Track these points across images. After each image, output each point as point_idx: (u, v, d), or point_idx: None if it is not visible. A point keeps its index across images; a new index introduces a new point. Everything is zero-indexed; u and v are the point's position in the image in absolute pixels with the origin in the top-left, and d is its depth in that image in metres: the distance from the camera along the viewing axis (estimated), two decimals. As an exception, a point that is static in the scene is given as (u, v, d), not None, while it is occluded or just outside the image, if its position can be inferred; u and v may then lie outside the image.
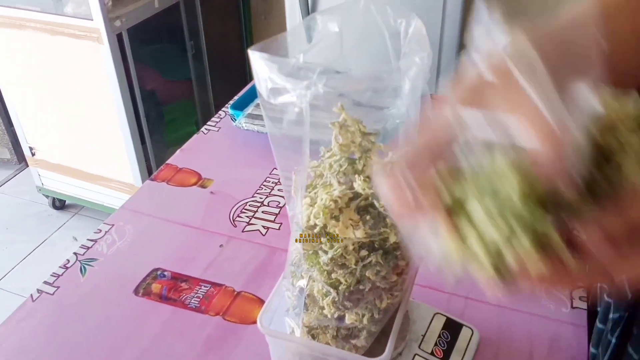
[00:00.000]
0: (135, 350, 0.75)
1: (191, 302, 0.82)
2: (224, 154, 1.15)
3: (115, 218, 0.97)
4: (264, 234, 0.94)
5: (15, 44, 1.98)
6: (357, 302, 0.59)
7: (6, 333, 0.77)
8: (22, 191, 2.52)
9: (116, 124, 1.99)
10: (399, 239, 0.55)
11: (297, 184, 0.56)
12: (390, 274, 0.58)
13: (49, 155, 2.22)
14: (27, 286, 2.01)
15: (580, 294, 0.83)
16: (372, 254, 0.55)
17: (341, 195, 0.53)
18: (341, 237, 0.54)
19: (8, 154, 2.61)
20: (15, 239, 2.27)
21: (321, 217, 0.54)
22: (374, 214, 0.54)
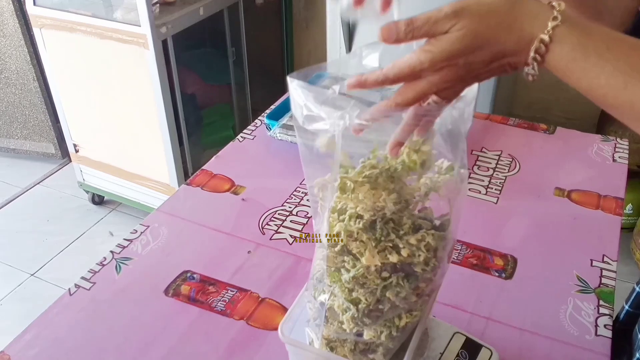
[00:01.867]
0: (162, 349, 0.78)
1: (217, 305, 0.85)
2: (257, 162, 1.18)
3: (151, 220, 1.01)
4: (290, 243, 0.97)
5: (66, 45, 2.06)
6: (376, 319, 0.60)
7: (44, 324, 0.81)
8: (64, 185, 2.60)
9: (156, 126, 2.04)
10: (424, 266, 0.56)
11: (324, 201, 0.58)
12: (411, 295, 0.59)
13: (91, 152, 2.29)
14: (64, 277, 2.08)
15: (605, 322, 0.83)
16: (393, 276, 0.57)
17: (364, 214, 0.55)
18: (367, 264, 0.56)
19: (53, 149, 2.70)
20: (54, 231, 2.34)
21: (343, 236, 0.56)
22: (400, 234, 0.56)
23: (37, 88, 2.49)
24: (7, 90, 2.55)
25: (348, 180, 0.55)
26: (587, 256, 0.95)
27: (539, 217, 1.04)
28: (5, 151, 2.75)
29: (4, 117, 2.64)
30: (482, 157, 1.21)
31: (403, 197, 0.56)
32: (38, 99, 2.53)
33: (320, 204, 0.57)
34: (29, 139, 2.69)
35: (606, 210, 1.05)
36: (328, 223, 0.57)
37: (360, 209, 0.55)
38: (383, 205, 0.55)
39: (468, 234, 0.99)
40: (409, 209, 0.57)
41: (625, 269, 2.08)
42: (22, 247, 2.28)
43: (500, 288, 0.89)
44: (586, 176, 1.15)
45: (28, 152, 2.72)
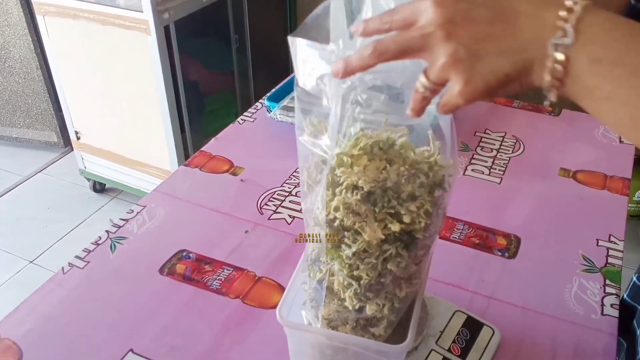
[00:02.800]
0: (156, 326, 0.76)
1: (213, 284, 0.83)
2: (256, 144, 1.16)
3: (148, 200, 0.99)
4: (289, 223, 0.95)
5: (68, 32, 2.04)
6: (378, 292, 0.58)
7: (36, 301, 0.80)
8: (66, 173, 2.59)
9: (158, 113, 2.03)
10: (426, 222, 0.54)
11: (311, 177, 0.56)
12: (411, 265, 0.57)
13: (93, 139, 2.28)
14: (63, 264, 2.06)
15: (612, 302, 0.81)
16: (392, 246, 0.55)
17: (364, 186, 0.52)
18: (368, 239, 0.54)
19: (55, 137, 2.69)
20: (55, 218, 2.33)
21: (341, 210, 0.54)
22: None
23: (40, 76, 2.48)
24: (11, 79, 2.54)
25: (344, 156, 0.53)
26: (593, 236, 0.93)
27: (543, 197, 1.02)
28: (8, 140, 2.74)
29: (7, 106, 2.63)
30: (485, 138, 1.19)
31: (402, 166, 0.54)
32: (41, 88, 2.52)
33: (307, 181, 0.55)
34: (31, 128, 2.68)
35: (613, 190, 1.03)
36: (324, 200, 0.55)
37: (362, 181, 0.53)
38: (385, 176, 0.53)
39: (470, 213, 0.97)
40: (405, 177, 0.55)
41: (633, 256, 2.05)
42: (22, 234, 2.27)
43: (503, 267, 0.87)
44: (592, 157, 1.12)
45: (30, 141, 2.71)
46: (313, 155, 0.54)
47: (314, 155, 0.54)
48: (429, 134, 0.54)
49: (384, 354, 0.59)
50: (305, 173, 0.56)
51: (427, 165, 0.54)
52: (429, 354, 0.72)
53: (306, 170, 0.56)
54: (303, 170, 0.56)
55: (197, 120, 2.30)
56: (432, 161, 0.54)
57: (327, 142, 0.52)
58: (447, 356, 0.72)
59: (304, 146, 0.54)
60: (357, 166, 0.52)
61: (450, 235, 0.93)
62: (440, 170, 0.54)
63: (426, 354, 0.72)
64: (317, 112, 0.53)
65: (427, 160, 0.54)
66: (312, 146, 0.53)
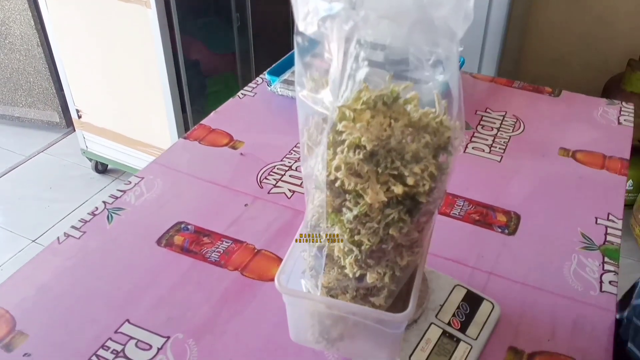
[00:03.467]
0: (153, 297, 0.76)
1: (211, 255, 0.82)
2: (257, 118, 1.15)
3: (146, 171, 0.98)
4: (289, 197, 0.94)
5: (68, 6, 2.03)
6: (379, 260, 0.57)
7: (30, 271, 0.79)
8: (68, 154, 2.58)
9: (159, 91, 2.01)
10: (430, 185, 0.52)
11: (311, 138, 0.55)
12: (413, 231, 0.56)
13: (94, 118, 2.27)
14: (65, 244, 2.07)
15: (610, 279, 0.81)
16: (395, 210, 0.54)
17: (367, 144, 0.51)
18: (370, 201, 0.52)
19: (57, 117, 2.68)
20: (57, 198, 2.33)
21: (343, 170, 0.52)
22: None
23: (41, 54, 2.46)
24: (12, 57, 2.52)
25: (347, 109, 0.52)
26: (592, 214, 0.92)
27: (543, 175, 1.01)
28: (10, 119, 2.73)
29: (8, 84, 2.62)
30: (486, 117, 1.18)
31: (406, 123, 0.52)
32: (42, 66, 2.50)
33: (307, 142, 0.54)
34: (33, 107, 2.67)
35: (611, 170, 1.03)
36: (324, 160, 0.53)
37: (364, 139, 0.51)
38: (389, 134, 0.51)
39: (470, 190, 0.96)
40: (410, 137, 0.53)
41: (624, 245, 2.05)
42: (24, 214, 2.27)
43: (503, 244, 0.86)
44: (591, 137, 1.12)
45: (32, 121, 2.70)
46: (313, 115, 0.53)
47: (315, 114, 0.53)
48: (435, 93, 0.52)
49: (384, 323, 0.59)
50: (306, 135, 0.55)
51: (432, 124, 0.53)
52: (429, 328, 0.71)
53: (306, 131, 0.55)
54: (303, 132, 0.55)
55: (199, 101, 2.29)
56: (437, 121, 0.52)
57: (329, 98, 0.51)
58: (447, 330, 0.71)
59: (304, 104, 0.52)
60: (360, 121, 0.50)
61: (450, 212, 0.92)
62: (446, 131, 0.52)
63: (426, 327, 0.71)
64: (318, 67, 0.52)
65: (433, 120, 0.53)
66: (312, 103, 0.52)
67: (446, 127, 0.53)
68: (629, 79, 2.23)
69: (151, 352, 0.69)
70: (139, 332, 0.71)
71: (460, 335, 0.71)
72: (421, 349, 0.68)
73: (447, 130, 0.53)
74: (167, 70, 1.94)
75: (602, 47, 2.43)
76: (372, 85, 0.52)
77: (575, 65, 2.51)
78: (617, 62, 2.40)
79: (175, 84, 2.00)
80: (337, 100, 0.50)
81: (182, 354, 0.69)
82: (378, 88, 0.52)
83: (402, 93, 0.52)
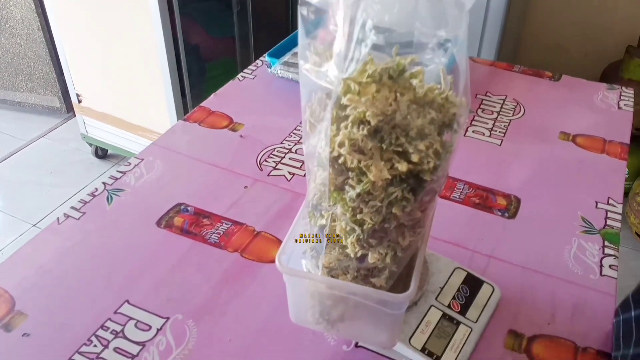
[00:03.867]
0: (152, 278, 0.76)
1: (211, 237, 0.82)
2: (256, 101, 1.14)
3: (146, 153, 0.98)
4: (289, 180, 0.94)
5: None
6: (381, 240, 0.57)
7: (29, 251, 0.79)
8: (68, 139, 2.58)
9: (159, 76, 2.00)
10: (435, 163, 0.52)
11: (314, 115, 0.54)
12: (416, 211, 0.56)
13: (94, 103, 2.26)
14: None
15: (611, 263, 0.80)
16: (398, 188, 0.53)
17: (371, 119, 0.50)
18: (374, 179, 0.52)
19: (58, 102, 2.67)
20: (57, 183, 2.33)
21: (346, 146, 0.51)
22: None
23: (41, 38, 2.44)
24: (13, 41, 2.51)
25: (352, 81, 0.51)
26: (592, 198, 0.92)
27: (543, 159, 1.01)
28: (10, 104, 2.72)
29: (9, 68, 2.60)
30: (486, 100, 1.17)
31: (411, 98, 0.51)
32: (43, 50, 2.49)
33: (309, 119, 0.53)
34: (34, 92, 2.66)
35: (611, 154, 1.02)
36: (327, 136, 0.52)
37: (369, 114, 0.50)
38: (395, 108, 0.51)
39: (470, 174, 0.96)
40: (415, 112, 0.52)
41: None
42: (25, 198, 2.27)
43: (503, 227, 0.86)
44: (591, 122, 1.11)
45: (33, 106, 2.69)
46: (317, 91, 0.52)
47: (318, 90, 0.52)
48: (441, 69, 0.51)
49: (385, 304, 0.58)
50: (308, 112, 0.54)
51: (438, 100, 0.52)
52: (429, 310, 0.71)
53: (309, 108, 0.54)
54: (306, 109, 0.54)
55: (198, 86, 2.28)
56: (443, 97, 0.52)
57: (334, 72, 0.50)
58: (447, 312, 0.71)
59: (308, 79, 0.51)
60: (365, 95, 0.49)
61: (451, 195, 0.92)
62: (452, 107, 0.52)
63: (426, 309, 0.71)
64: (323, 39, 0.51)
65: (439, 96, 0.52)
66: (315, 77, 0.51)
67: (452, 104, 0.52)
68: (627, 66, 2.22)
69: (150, 332, 0.69)
70: (139, 313, 0.71)
71: (460, 318, 0.71)
72: (421, 331, 0.68)
73: (453, 106, 0.52)
74: (167, 55, 1.93)
75: (601, 34, 2.42)
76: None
77: (573, 52, 2.49)
78: (615, 49, 2.39)
79: (175, 68, 1.99)
80: (343, 72, 0.49)
81: (181, 334, 0.69)
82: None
83: (407, 67, 0.52)
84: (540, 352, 0.69)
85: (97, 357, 0.66)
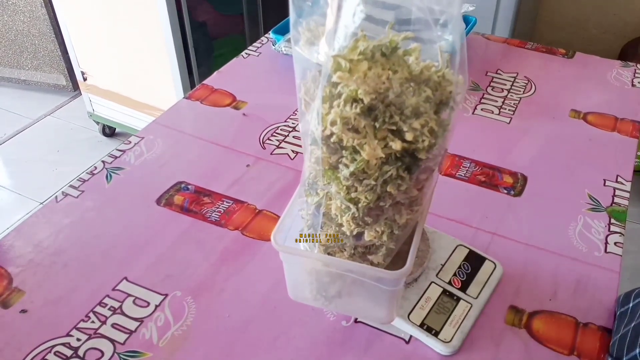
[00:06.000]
0: (151, 255, 0.75)
1: (212, 215, 0.82)
2: (260, 78, 1.13)
3: (146, 131, 0.97)
4: (292, 158, 0.93)
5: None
6: (377, 218, 0.56)
7: (27, 229, 0.79)
8: (75, 117, 2.57)
9: (164, 54, 1.99)
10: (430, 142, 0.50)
11: (308, 93, 0.53)
12: (412, 189, 0.55)
13: (100, 81, 2.25)
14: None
15: (616, 240, 0.79)
16: (393, 167, 0.52)
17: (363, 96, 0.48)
18: (367, 157, 0.51)
19: (64, 80, 2.66)
20: (64, 161, 2.33)
21: (338, 124, 0.50)
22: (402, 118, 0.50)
23: (45, 15, 2.43)
24: (16, 18, 2.50)
25: (342, 59, 0.49)
26: (601, 176, 0.90)
27: (552, 137, 0.99)
28: (16, 82, 2.72)
29: (13, 46, 2.60)
30: (497, 78, 1.15)
31: (405, 76, 0.50)
32: (47, 28, 2.47)
33: (303, 97, 0.52)
34: (39, 70, 2.65)
35: (622, 132, 1.00)
36: (320, 114, 0.52)
37: (361, 91, 0.49)
38: (388, 86, 0.49)
39: (477, 152, 0.94)
40: (410, 90, 0.51)
41: (634, 210, 2.02)
42: (32, 176, 2.28)
43: (508, 205, 0.85)
44: (603, 99, 1.09)
45: (39, 84, 2.69)
46: (310, 68, 0.51)
47: (312, 67, 0.51)
48: (438, 46, 0.50)
49: (382, 281, 0.58)
50: (303, 89, 0.53)
51: (434, 78, 0.50)
52: (429, 286, 0.71)
53: (303, 86, 0.53)
54: (300, 87, 0.53)
55: (206, 64, 2.26)
56: (439, 75, 0.50)
57: (325, 49, 0.49)
58: (447, 288, 0.70)
59: (301, 56, 0.50)
60: (356, 73, 0.48)
61: (456, 173, 0.90)
62: (448, 85, 0.50)
63: (426, 286, 0.71)
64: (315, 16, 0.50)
65: (435, 73, 0.50)
66: (308, 55, 0.50)
67: (448, 81, 0.51)
68: (645, 42, 2.18)
69: (149, 309, 0.69)
70: (137, 290, 0.71)
71: (461, 294, 0.70)
72: (420, 307, 0.68)
73: (449, 84, 0.51)
74: (173, 32, 1.91)
75: (620, 10, 2.37)
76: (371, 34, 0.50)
77: (591, 29, 2.45)
78: (635, 25, 2.34)
79: (181, 46, 1.98)
80: (332, 49, 0.48)
81: (180, 310, 0.69)
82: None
83: (402, 44, 0.50)
84: (540, 327, 0.68)
85: (94, 333, 0.66)
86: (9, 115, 2.60)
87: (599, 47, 2.41)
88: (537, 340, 0.67)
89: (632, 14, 2.35)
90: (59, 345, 0.65)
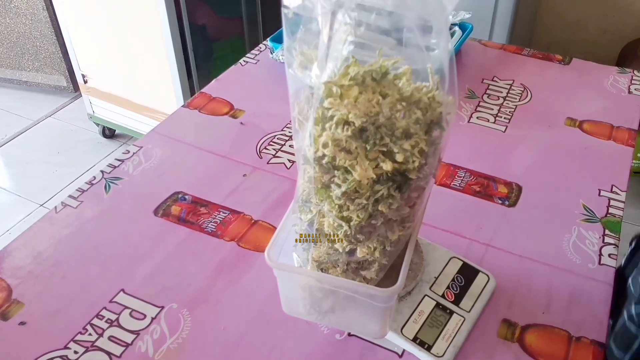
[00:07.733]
0: (148, 266, 0.76)
1: (208, 226, 0.82)
2: (258, 87, 1.14)
3: (145, 141, 0.98)
4: (288, 168, 0.94)
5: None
6: (369, 235, 0.57)
7: (27, 239, 0.80)
8: (76, 118, 2.58)
9: (164, 56, 1.99)
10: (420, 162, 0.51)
11: (302, 113, 0.54)
12: (403, 207, 0.56)
13: (100, 83, 2.26)
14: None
15: (610, 252, 0.80)
16: (384, 186, 0.53)
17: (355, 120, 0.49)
18: (359, 178, 0.51)
19: (64, 82, 2.67)
20: (65, 162, 2.34)
21: (330, 147, 0.51)
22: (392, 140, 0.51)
23: (46, 17, 2.44)
24: (18, 20, 2.50)
25: (333, 85, 0.50)
26: (595, 186, 0.91)
27: (547, 146, 1.00)
28: (17, 83, 2.73)
29: (15, 48, 2.60)
30: (493, 85, 1.15)
31: (396, 98, 0.51)
32: (48, 30, 2.48)
33: (297, 117, 0.53)
34: (40, 72, 2.66)
35: (618, 141, 1.01)
36: (312, 135, 0.52)
37: (352, 115, 0.50)
38: (378, 110, 0.50)
39: (472, 161, 0.95)
40: (400, 113, 0.52)
41: (634, 212, 2.02)
42: (32, 178, 2.29)
43: (503, 215, 0.86)
44: (599, 107, 1.10)
45: (40, 85, 2.70)
46: (304, 88, 0.52)
47: (305, 88, 0.52)
48: (428, 67, 0.51)
49: (373, 298, 0.59)
50: (297, 109, 0.54)
51: (424, 100, 0.51)
52: (422, 299, 0.71)
53: (297, 105, 0.54)
54: (294, 106, 0.54)
55: (205, 67, 2.27)
56: (429, 97, 0.51)
57: (317, 72, 0.50)
58: (440, 302, 0.71)
59: (294, 78, 0.51)
60: (347, 98, 0.49)
61: (451, 183, 0.91)
62: (439, 107, 0.51)
63: (419, 299, 0.71)
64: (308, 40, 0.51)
65: (425, 95, 0.51)
66: (302, 77, 0.51)
67: (438, 103, 0.52)
68: (644, 44, 2.18)
69: (145, 321, 0.70)
70: (134, 302, 0.72)
71: (454, 307, 0.71)
72: (413, 320, 0.68)
73: (439, 105, 0.52)
74: (172, 35, 1.92)
75: (620, 11, 2.37)
76: (368, 52, 0.51)
77: (591, 30, 2.45)
78: (634, 26, 2.34)
79: (180, 48, 1.98)
80: (323, 75, 0.49)
81: (175, 323, 0.70)
82: (371, 60, 0.51)
83: (392, 68, 0.51)
84: (533, 341, 0.69)
85: (91, 346, 0.67)
86: (9, 116, 2.61)
87: (598, 48, 2.41)
88: (529, 354, 0.67)
89: (631, 15, 2.36)
90: (56, 358, 0.66)
